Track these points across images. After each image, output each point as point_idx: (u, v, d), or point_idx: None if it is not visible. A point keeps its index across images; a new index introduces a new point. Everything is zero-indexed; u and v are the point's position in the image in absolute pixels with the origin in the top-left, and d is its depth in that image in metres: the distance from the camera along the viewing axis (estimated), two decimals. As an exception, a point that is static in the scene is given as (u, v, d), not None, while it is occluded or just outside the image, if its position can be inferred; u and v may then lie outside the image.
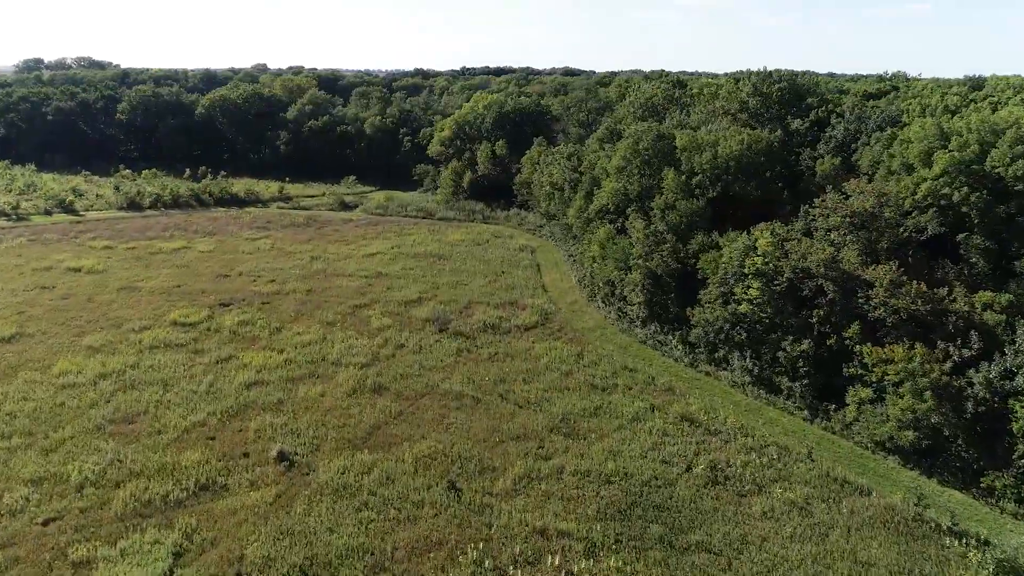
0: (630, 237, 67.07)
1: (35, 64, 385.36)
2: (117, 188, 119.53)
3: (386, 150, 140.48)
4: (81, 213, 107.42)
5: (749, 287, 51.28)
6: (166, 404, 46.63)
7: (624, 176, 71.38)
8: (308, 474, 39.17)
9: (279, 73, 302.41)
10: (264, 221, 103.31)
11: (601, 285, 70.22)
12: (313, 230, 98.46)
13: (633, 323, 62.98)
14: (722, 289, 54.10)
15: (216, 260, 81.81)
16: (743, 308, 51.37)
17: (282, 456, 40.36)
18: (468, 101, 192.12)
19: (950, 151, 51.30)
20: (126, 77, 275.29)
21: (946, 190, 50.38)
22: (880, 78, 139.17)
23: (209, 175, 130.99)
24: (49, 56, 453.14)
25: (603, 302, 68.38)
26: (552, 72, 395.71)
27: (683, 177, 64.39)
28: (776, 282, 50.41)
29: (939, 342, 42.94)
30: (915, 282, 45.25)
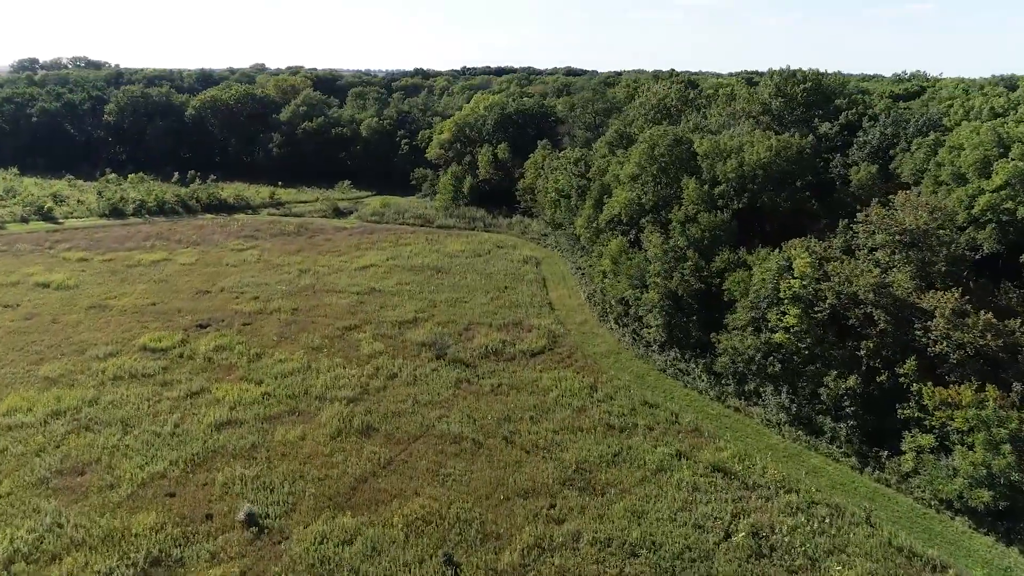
0: (645, 252, 61.25)
1: (30, 64, 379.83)
2: (100, 194, 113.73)
3: (383, 153, 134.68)
4: (60, 221, 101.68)
5: (785, 313, 45.42)
6: (123, 450, 40.78)
7: (638, 184, 65.53)
8: (280, 543, 33.34)
9: (276, 73, 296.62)
10: (252, 229, 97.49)
11: (613, 304, 64.39)
12: (304, 239, 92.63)
13: (650, 347, 57.12)
14: (753, 314, 48.26)
15: (197, 274, 75.99)
16: (778, 337, 45.51)
17: (251, 519, 34.53)
18: (469, 102, 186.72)
19: (1012, 160, 45.41)
20: (120, 77, 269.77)
21: (1008, 204, 44.52)
22: (899, 78, 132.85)
23: (198, 180, 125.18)
24: (45, 56, 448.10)
25: (616, 323, 62.53)
26: (554, 72, 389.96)
27: (705, 187, 58.53)
28: (817, 308, 44.57)
29: (1014, 383, 37.08)
30: (982, 312, 39.37)
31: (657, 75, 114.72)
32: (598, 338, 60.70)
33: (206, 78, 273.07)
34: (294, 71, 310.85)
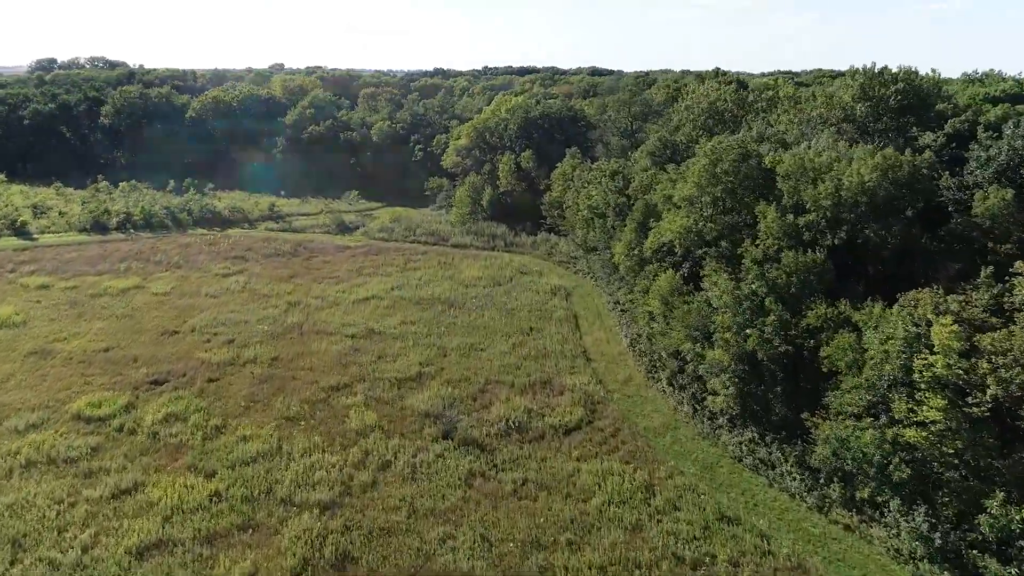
0: (706, 295, 48.78)
1: (48, 64, 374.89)
2: (84, 205, 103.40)
3: (395, 160, 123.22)
4: (34, 236, 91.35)
5: (922, 403, 32.79)
6: (1, 595, 29.35)
7: (696, 209, 53.00)
8: None
9: (292, 73, 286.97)
10: (244, 248, 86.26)
11: (665, 357, 52.00)
12: (300, 262, 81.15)
13: (716, 421, 44.67)
14: (870, 397, 35.65)
15: (169, 307, 64.73)
16: (910, 435, 32.91)
17: None
18: (489, 104, 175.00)
19: None
20: (131, 77, 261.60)
21: None
22: (971, 78, 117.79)
23: (193, 188, 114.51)
24: (63, 56, 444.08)
25: (669, 383, 50.08)
26: (578, 72, 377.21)
27: (787, 216, 45.91)
28: (973, 400, 31.89)
29: None
30: None
31: (701, 75, 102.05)
32: (648, 404, 48.30)
33: (220, 78, 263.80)
34: (312, 71, 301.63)
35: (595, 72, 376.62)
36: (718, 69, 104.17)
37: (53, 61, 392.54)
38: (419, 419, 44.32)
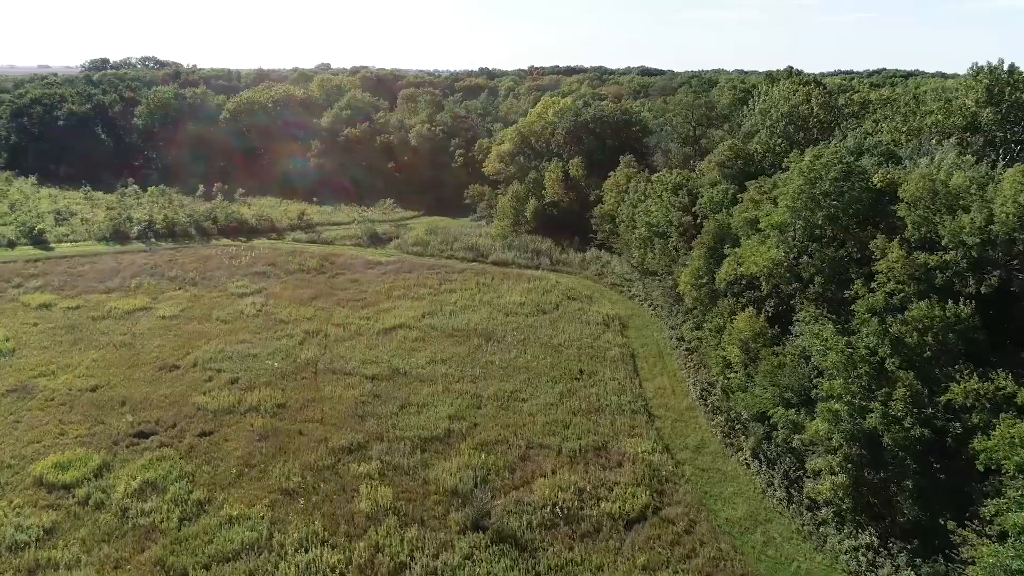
0: (804, 349, 39.28)
1: (100, 64, 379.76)
2: (109, 211, 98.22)
3: (434, 165, 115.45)
4: (51, 245, 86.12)
5: None
6: None
7: (787, 237, 43.41)
8: None
9: (336, 73, 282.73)
10: (267, 263, 79.30)
11: (747, 419, 42.60)
12: (325, 280, 73.70)
13: (819, 514, 35.09)
14: (1056, 517, 25.91)
15: (174, 334, 57.73)
16: None
17: None
18: (535, 105, 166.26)
19: None
20: (176, 76, 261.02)
21: None
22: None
23: (220, 196, 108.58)
24: (116, 56, 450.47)
25: (754, 455, 40.61)
26: (627, 71, 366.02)
27: (916, 254, 36.07)
28: None
29: None
30: None
31: (771, 75, 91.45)
32: (728, 483, 38.92)
33: (263, 78, 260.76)
34: (356, 70, 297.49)
35: (645, 72, 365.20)
36: (791, 68, 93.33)
37: (105, 61, 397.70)
38: (444, 499, 35.86)
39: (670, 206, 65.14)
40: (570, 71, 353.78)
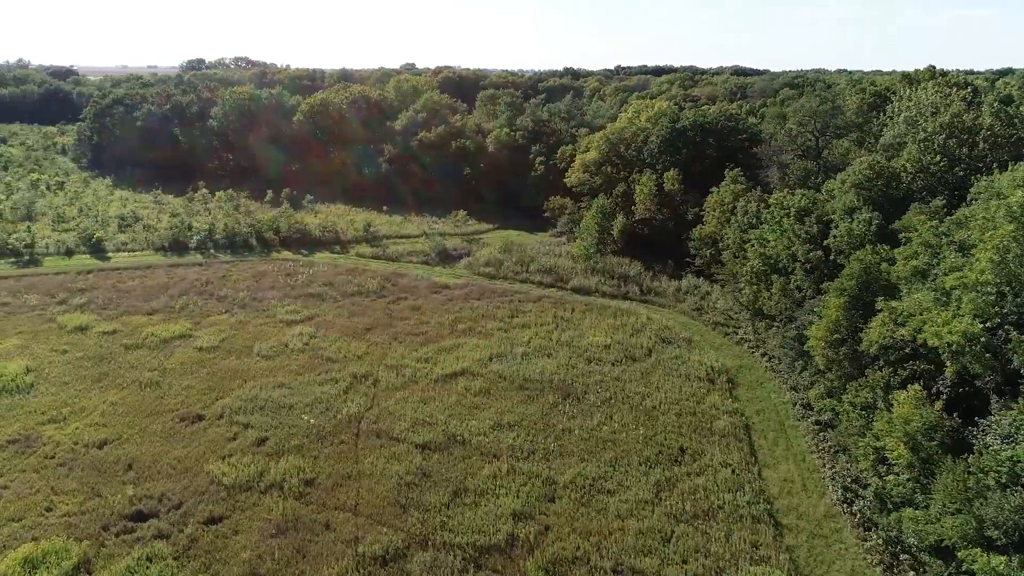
0: (1004, 454, 27.55)
1: (197, 64, 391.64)
2: (173, 218, 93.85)
3: (512, 174, 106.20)
4: (108, 255, 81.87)
5: None
6: None
7: (987, 303, 31.48)
8: None
9: (417, 73, 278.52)
10: (324, 282, 71.97)
11: (926, 555, 30.98)
12: (383, 307, 65.49)
13: None
14: None
15: (207, 372, 50.55)
16: None
17: None
18: (621, 107, 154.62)
19: None
20: (263, 76, 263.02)
21: None
22: None
23: (286, 203, 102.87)
24: (211, 56, 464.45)
25: (935, 609, 29.02)
26: (720, 71, 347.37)
27: None
28: None
29: None
30: None
31: (909, 76, 77.38)
32: (900, 653, 27.59)
33: (347, 78, 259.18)
34: (438, 70, 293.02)
35: (739, 72, 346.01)
36: (934, 68, 79.01)
37: (201, 61, 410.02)
38: (501, 658, 26.22)
39: (793, 236, 53.45)
40: (659, 71, 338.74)
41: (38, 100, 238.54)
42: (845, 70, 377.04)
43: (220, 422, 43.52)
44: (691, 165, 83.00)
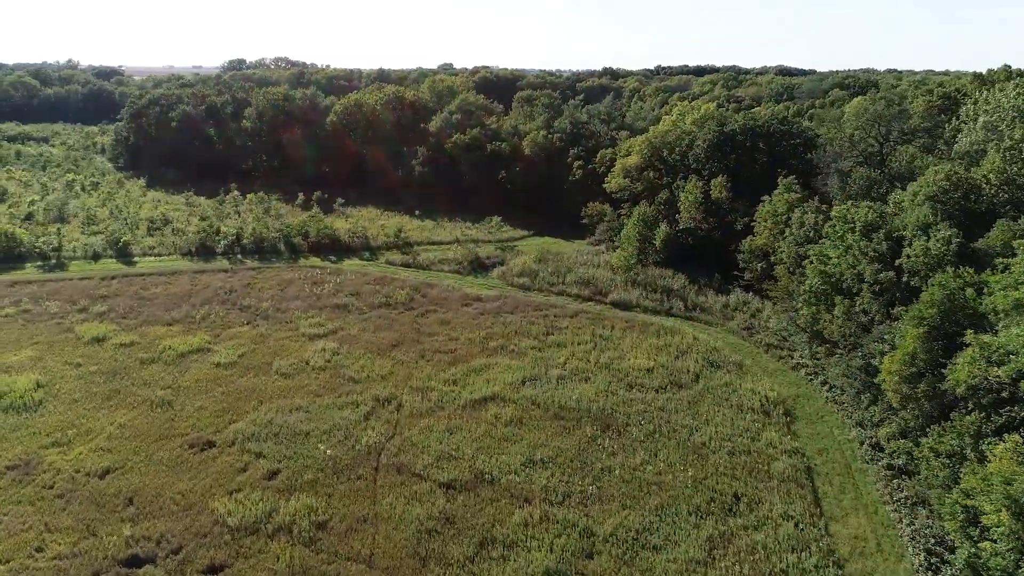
0: None
1: (238, 64, 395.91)
2: (202, 221, 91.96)
3: (549, 178, 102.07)
4: (135, 259, 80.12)
5: None
6: None
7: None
8: None
9: (454, 73, 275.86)
10: (350, 291, 68.88)
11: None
12: (411, 320, 62.01)
13: None
14: None
15: (223, 391, 47.62)
16: None
17: None
18: (662, 107, 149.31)
19: None
20: (302, 77, 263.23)
21: None
22: None
23: (316, 207, 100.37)
24: (251, 56, 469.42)
25: None
26: (764, 71, 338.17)
27: None
28: None
29: None
30: None
31: (981, 76, 71.19)
32: None
33: (383, 78, 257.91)
34: (475, 71, 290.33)
35: (783, 71, 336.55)
36: (1009, 67, 72.76)
37: (242, 62, 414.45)
38: None
39: (859, 253, 48.41)
40: (700, 71, 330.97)
41: (82, 100, 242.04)
42: (894, 70, 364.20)
43: (231, 450, 40.40)
44: (740, 171, 77.96)
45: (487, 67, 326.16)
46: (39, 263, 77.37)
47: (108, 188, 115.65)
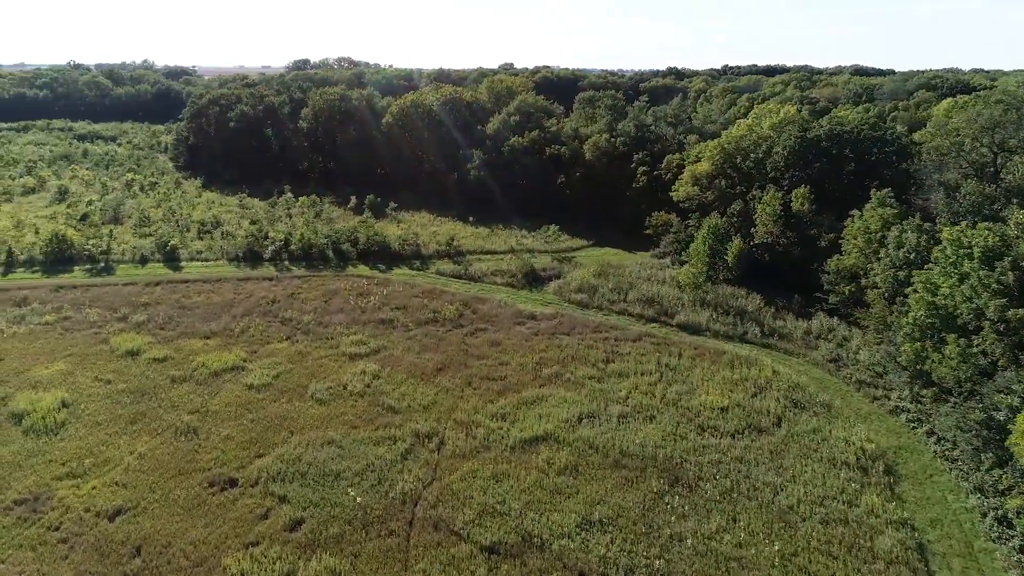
0: None
1: (302, 64, 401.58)
2: (252, 225, 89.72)
3: (611, 185, 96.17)
4: (181, 264, 78.11)
5: None
6: None
7: None
8: None
9: (515, 73, 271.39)
10: (397, 305, 64.79)
11: None
12: (459, 339, 57.37)
13: None
14: None
15: (252, 418, 43.89)
16: None
17: None
18: (729, 109, 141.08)
19: None
20: (361, 76, 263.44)
21: None
22: None
23: (368, 211, 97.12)
24: (316, 56, 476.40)
25: None
26: (839, 71, 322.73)
27: None
28: None
29: None
30: None
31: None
32: None
33: (443, 78, 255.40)
34: (536, 71, 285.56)
35: (859, 71, 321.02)
36: None
37: (306, 62, 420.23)
38: None
39: (979, 285, 41.31)
40: (770, 71, 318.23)
41: (151, 99, 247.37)
42: (981, 69, 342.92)
43: (253, 491, 36.42)
44: (824, 182, 70.71)
45: (548, 67, 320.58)
46: (87, 266, 76.03)
47: (165, 188, 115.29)
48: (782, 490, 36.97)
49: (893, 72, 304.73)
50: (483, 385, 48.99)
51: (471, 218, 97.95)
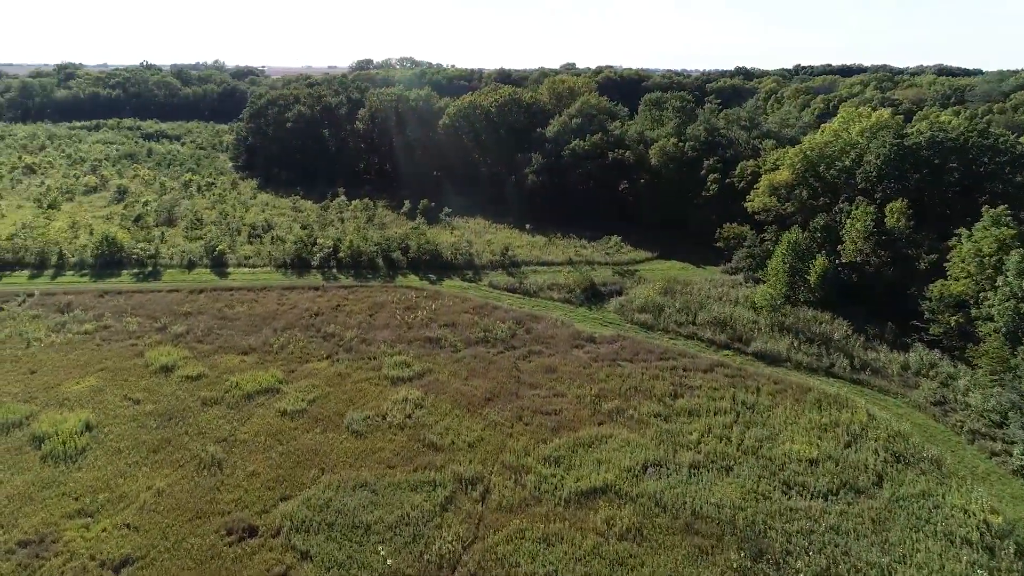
0: None
1: (365, 64, 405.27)
2: (303, 229, 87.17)
3: (679, 193, 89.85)
4: (228, 270, 75.82)
5: None
6: None
7: None
8: None
9: (577, 73, 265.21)
10: (445, 322, 60.49)
11: None
12: (511, 364, 52.53)
13: None
14: None
15: (281, 452, 40.06)
16: None
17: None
18: (804, 110, 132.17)
19: None
20: (422, 76, 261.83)
21: None
22: None
23: (422, 216, 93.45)
24: (379, 56, 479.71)
25: None
26: (921, 71, 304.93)
27: None
28: None
29: None
30: None
31: None
32: None
33: (504, 78, 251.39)
34: (598, 71, 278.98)
35: (943, 71, 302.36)
36: None
37: (369, 62, 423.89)
38: None
39: None
40: (846, 71, 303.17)
41: (217, 99, 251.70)
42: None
43: (273, 543, 32.37)
44: (923, 195, 63.12)
45: (610, 67, 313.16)
46: (135, 270, 74.44)
47: (221, 189, 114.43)
48: (891, 574, 30.76)
49: (981, 72, 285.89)
50: (535, 420, 44.03)
51: (528, 225, 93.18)
